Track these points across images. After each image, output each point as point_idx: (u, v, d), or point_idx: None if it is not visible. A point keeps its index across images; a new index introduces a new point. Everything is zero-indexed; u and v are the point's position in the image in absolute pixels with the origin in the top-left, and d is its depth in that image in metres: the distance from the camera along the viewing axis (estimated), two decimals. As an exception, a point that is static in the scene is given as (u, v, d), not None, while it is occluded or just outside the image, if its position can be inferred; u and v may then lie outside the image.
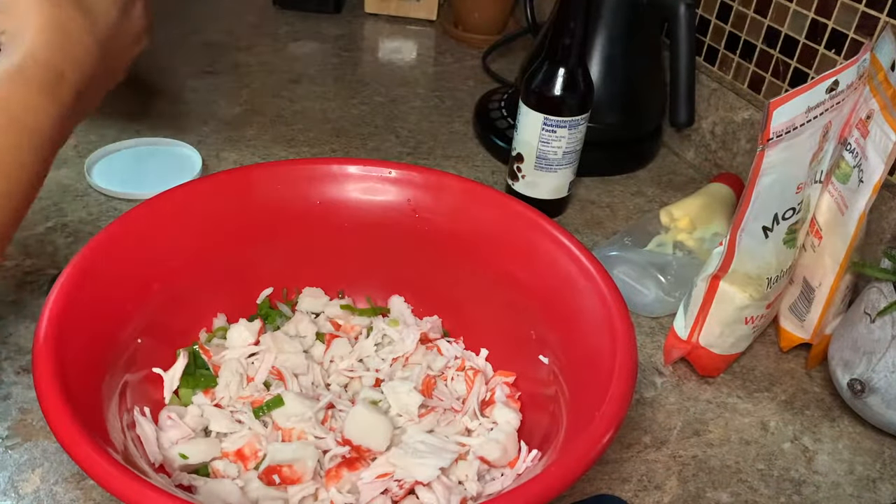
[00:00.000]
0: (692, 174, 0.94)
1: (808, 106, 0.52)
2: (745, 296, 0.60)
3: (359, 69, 1.12)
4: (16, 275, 0.67)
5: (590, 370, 0.48)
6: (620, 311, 0.49)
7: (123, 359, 0.49)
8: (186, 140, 0.86)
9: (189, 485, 0.48)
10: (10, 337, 0.61)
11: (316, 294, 0.63)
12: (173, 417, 0.51)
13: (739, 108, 0.87)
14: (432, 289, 0.62)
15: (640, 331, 0.70)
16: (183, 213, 0.56)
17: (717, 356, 0.64)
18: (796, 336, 0.68)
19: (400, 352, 0.59)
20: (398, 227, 0.61)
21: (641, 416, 0.61)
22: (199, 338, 0.58)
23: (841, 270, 0.62)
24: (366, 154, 0.91)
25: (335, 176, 0.60)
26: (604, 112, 0.87)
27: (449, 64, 1.16)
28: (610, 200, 0.87)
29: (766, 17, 0.83)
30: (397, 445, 0.50)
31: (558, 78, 0.74)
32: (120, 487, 0.36)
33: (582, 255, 0.53)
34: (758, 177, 0.54)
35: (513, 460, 0.51)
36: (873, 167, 0.58)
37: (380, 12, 1.27)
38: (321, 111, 0.98)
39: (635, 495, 0.55)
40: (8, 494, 0.50)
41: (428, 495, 0.48)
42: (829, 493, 0.57)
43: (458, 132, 0.97)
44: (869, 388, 0.58)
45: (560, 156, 0.77)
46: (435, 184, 0.60)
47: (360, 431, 0.49)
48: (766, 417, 0.63)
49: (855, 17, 0.73)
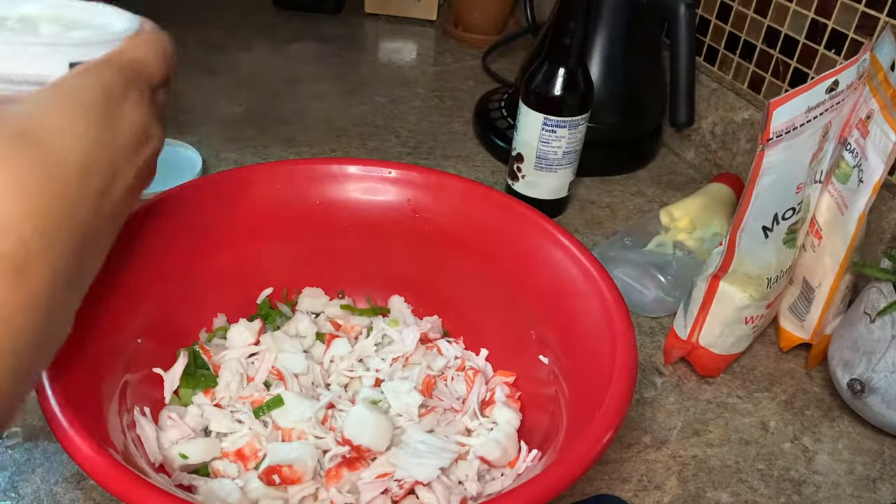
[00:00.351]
0: (692, 174, 0.94)
1: (808, 106, 0.52)
2: (745, 296, 0.60)
3: (359, 69, 1.12)
4: (16, 275, 0.67)
5: (590, 370, 0.48)
6: (620, 311, 0.49)
7: (123, 359, 0.49)
8: (186, 140, 0.86)
9: (189, 485, 0.48)
10: (10, 337, 0.61)
11: (316, 294, 0.63)
12: (173, 417, 0.51)
13: (739, 108, 0.87)
14: (432, 289, 0.62)
15: (640, 331, 0.70)
16: (183, 213, 0.56)
17: (717, 356, 0.64)
18: (796, 336, 0.68)
19: (400, 352, 0.59)
20: (398, 227, 0.61)
21: (641, 416, 0.61)
22: (199, 338, 0.58)
23: (841, 270, 0.62)
24: (366, 154, 0.91)
25: (335, 176, 0.60)
26: (604, 112, 0.87)
27: (449, 64, 1.16)
28: (610, 200, 0.87)
29: (766, 17, 0.83)
30: (397, 445, 0.50)
31: (558, 78, 0.74)
32: (120, 487, 0.36)
33: (582, 255, 0.53)
34: (758, 177, 0.54)
35: (513, 460, 0.51)
36: (873, 167, 0.58)
37: (380, 12, 1.27)
38: (321, 111, 0.98)
39: (635, 495, 0.55)
40: (8, 494, 0.50)
41: (428, 495, 0.48)
42: (829, 493, 0.57)
43: (458, 132, 0.97)
44: (869, 388, 0.58)
45: (560, 156, 0.77)
46: (435, 184, 0.60)
47: (360, 431, 0.49)
48: (766, 417, 0.63)
49: (855, 17, 0.73)
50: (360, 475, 0.48)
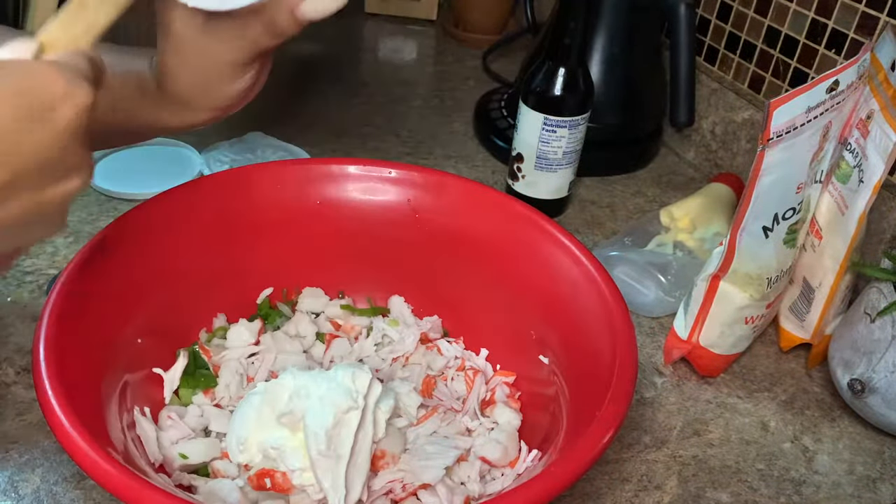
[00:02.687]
0: (692, 174, 0.94)
1: (809, 106, 0.52)
2: (746, 296, 0.60)
3: (359, 69, 1.12)
4: (16, 275, 0.67)
5: (590, 370, 0.48)
6: (620, 311, 0.49)
7: (123, 359, 0.49)
8: (186, 140, 0.86)
9: (189, 485, 0.48)
10: (10, 337, 0.61)
11: (316, 294, 0.63)
12: (173, 417, 0.51)
13: (739, 108, 0.87)
14: (432, 289, 0.62)
15: (640, 331, 0.70)
16: (183, 213, 0.56)
17: (717, 356, 0.64)
18: (796, 336, 0.68)
19: (400, 352, 0.59)
20: (398, 227, 0.61)
21: (641, 416, 0.61)
22: (199, 338, 0.58)
23: (841, 270, 0.62)
24: (366, 154, 0.91)
25: (335, 176, 0.60)
26: (604, 112, 0.87)
27: (449, 64, 1.16)
28: (610, 200, 0.87)
29: (766, 16, 0.83)
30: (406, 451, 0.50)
31: (558, 78, 0.74)
32: (120, 487, 0.36)
33: (582, 255, 0.53)
34: (758, 177, 0.54)
35: (513, 460, 0.51)
36: (873, 167, 0.58)
37: (380, 12, 1.27)
38: (321, 111, 0.98)
39: (635, 495, 0.55)
40: (8, 494, 0.50)
41: (431, 499, 0.47)
42: (829, 493, 0.57)
43: (458, 132, 0.97)
44: (869, 388, 0.58)
45: (560, 156, 0.77)
46: (435, 184, 0.60)
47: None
48: (767, 417, 0.63)
49: (855, 17, 0.73)
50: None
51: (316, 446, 0.45)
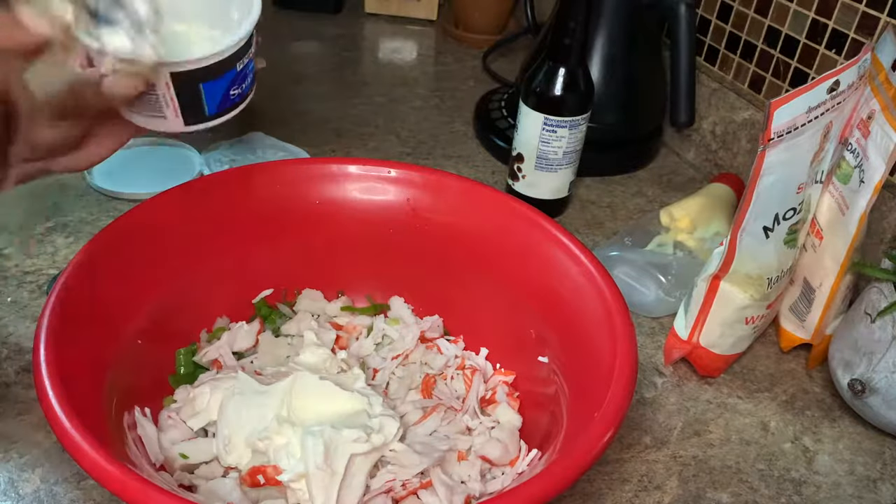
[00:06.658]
0: (692, 174, 0.94)
1: (809, 106, 0.52)
2: (746, 296, 0.60)
3: (359, 69, 1.12)
4: (16, 275, 0.67)
5: (590, 370, 0.48)
6: (620, 311, 0.49)
7: (123, 359, 0.49)
8: (186, 140, 0.86)
9: (190, 484, 0.48)
10: (10, 337, 0.61)
11: (315, 295, 0.63)
12: (173, 417, 0.51)
13: (740, 108, 0.87)
14: (432, 289, 0.62)
15: (640, 331, 0.70)
16: (183, 213, 0.56)
17: (717, 356, 0.64)
18: (797, 336, 0.68)
19: (400, 349, 0.59)
20: (398, 227, 0.61)
21: (641, 416, 0.61)
22: (199, 338, 0.58)
23: (841, 271, 0.62)
24: (366, 154, 0.91)
25: (335, 176, 0.60)
26: (604, 112, 0.87)
27: (449, 64, 1.16)
28: (610, 200, 0.87)
29: (766, 17, 0.83)
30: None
31: (558, 78, 0.74)
32: (120, 487, 0.36)
33: (582, 255, 0.53)
34: (758, 177, 0.54)
35: (513, 459, 0.51)
36: (874, 167, 0.58)
37: (380, 12, 1.27)
38: (321, 111, 0.98)
39: (635, 495, 0.55)
40: (8, 494, 0.50)
41: (431, 499, 0.47)
42: (829, 494, 0.57)
43: (458, 132, 0.97)
44: (869, 388, 0.58)
45: (560, 156, 0.77)
46: (435, 183, 0.60)
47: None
48: (767, 418, 0.63)
49: (855, 17, 0.73)
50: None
51: (314, 459, 0.45)
